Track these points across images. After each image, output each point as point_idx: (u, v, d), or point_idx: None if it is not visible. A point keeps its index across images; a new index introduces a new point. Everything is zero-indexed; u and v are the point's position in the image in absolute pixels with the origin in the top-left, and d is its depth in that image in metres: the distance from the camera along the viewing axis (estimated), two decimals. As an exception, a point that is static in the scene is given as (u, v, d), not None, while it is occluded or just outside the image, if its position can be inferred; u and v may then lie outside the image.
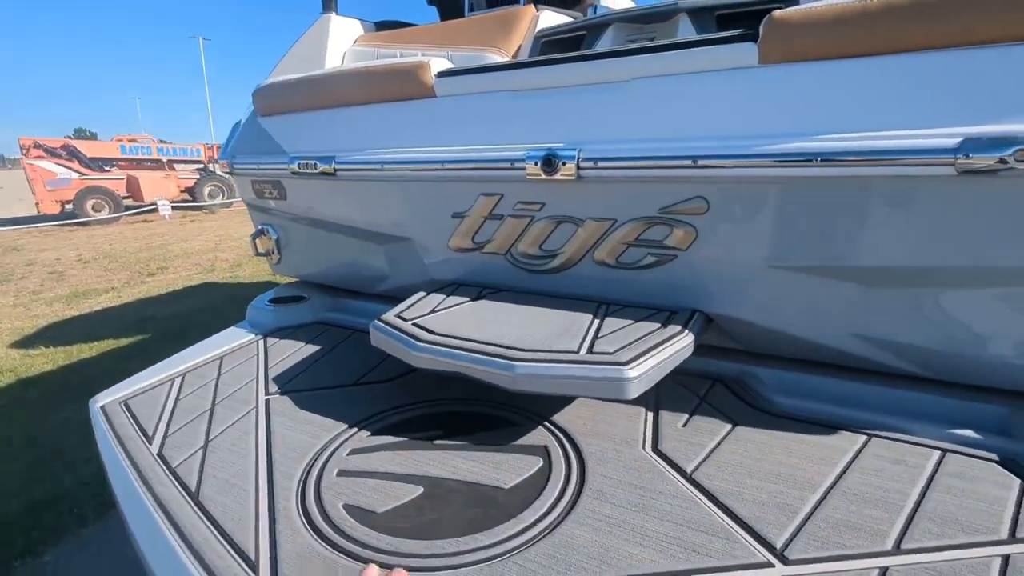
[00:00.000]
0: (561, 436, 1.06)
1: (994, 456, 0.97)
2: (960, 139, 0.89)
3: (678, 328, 1.11)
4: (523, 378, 0.98)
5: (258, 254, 1.97)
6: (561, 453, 1.00)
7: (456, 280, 1.54)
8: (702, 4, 1.69)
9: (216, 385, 1.36)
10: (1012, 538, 0.77)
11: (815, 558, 0.75)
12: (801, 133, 1.01)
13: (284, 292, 1.95)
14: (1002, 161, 0.87)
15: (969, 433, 1.02)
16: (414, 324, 1.19)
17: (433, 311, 1.28)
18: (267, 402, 1.26)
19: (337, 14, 2.07)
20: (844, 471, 0.94)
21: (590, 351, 1.01)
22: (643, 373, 0.96)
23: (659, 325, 1.12)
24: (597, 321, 1.17)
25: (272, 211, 1.88)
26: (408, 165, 1.43)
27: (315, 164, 1.58)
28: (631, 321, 1.15)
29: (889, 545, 0.77)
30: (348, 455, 1.04)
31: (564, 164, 1.21)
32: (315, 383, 1.35)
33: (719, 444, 1.02)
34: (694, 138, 1.10)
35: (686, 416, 1.12)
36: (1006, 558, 0.74)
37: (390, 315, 1.27)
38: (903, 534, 0.79)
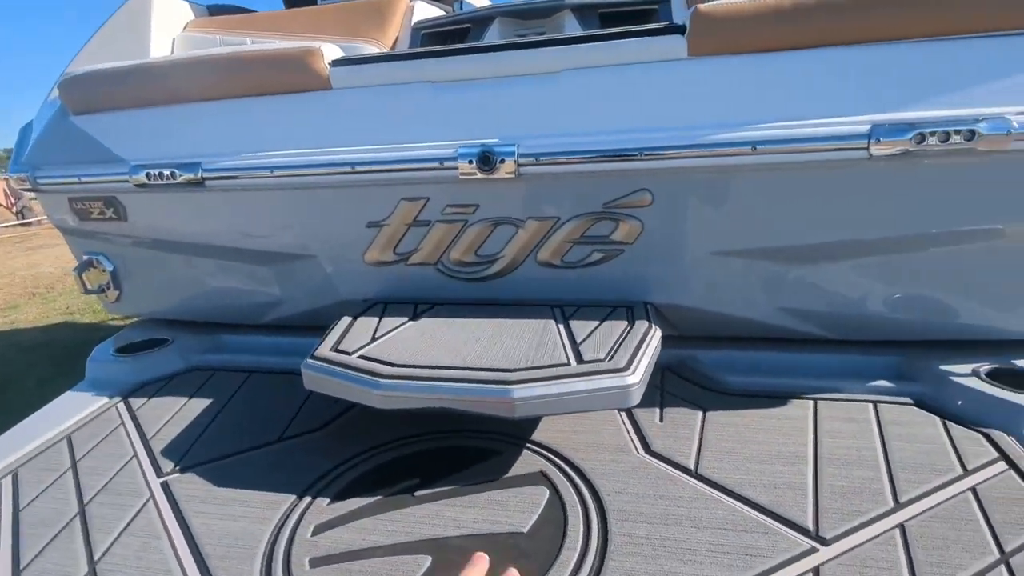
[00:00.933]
0: (553, 457, 0.98)
1: (908, 399, 1.13)
2: (869, 126, 1.00)
3: (645, 323, 1.09)
4: (524, 403, 0.87)
5: (87, 291, 1.53)
6: (563, 477, 0.92)
7: (377, 297, 1.36)
8: (586, 1, 1.70)
9: (75, 477, 1.01)
10: (966, 471, 0.90)
11: (845, 531, 0.78)
12: (737, 123, 1.05)
13: (132, 336, 1.55)
14: (908, 144, 0.99)
15: (883, 383, 1.17)
16: (364, 357, 1.00)
17: (375, 339, 1.09)
18: (165, 486, 0.97)
19: None
20: (816, 440, 1.01)
21: (581, 361, 0.94)
22: (643, 376, 0.92)
23: (626, 323, 1.10)
24: (562, 326, 1.11)
25: (104, 236, 1.47)
26: (307, 170, 1.21)
27: (173, 173, 1.26)
28: (596, 321, 1.11)
29: (891, 502, 0.83)
30: (313, 535, 0.83)
31: (502, 162, 1.11)
32: (225, 448, 1.07)
33: (702, 434, 1.03)
34: (636, 130, 1.09)
35: (657, 410, 1.12)
36: (974, 489, 0.85)
37: (324, 350, 1.05)
38: (894, 489, 0.86)
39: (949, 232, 1.09)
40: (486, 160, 1.12)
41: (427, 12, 1.89)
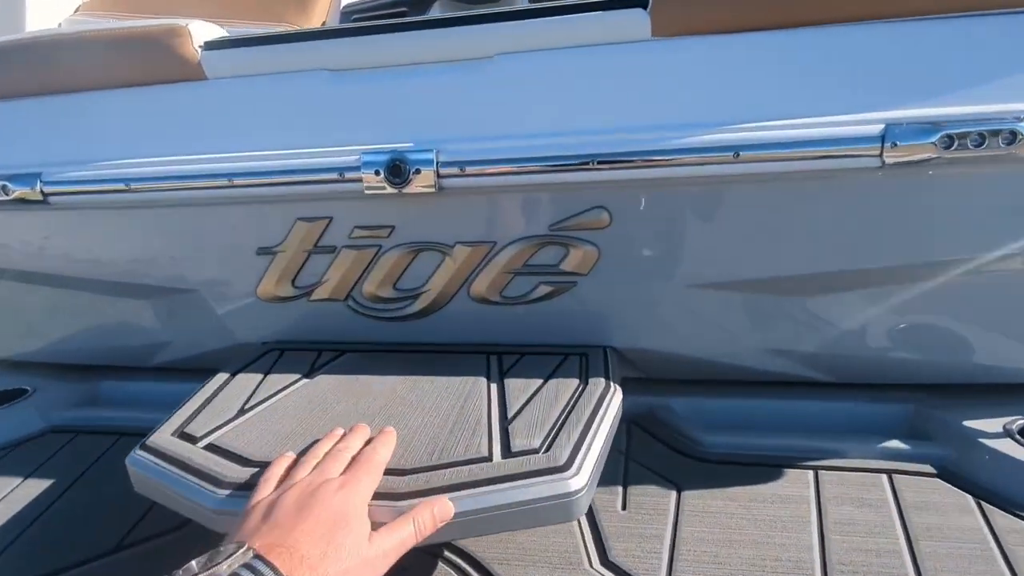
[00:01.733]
0: (469, 572, 0.72)
1: (929, 467, 0.90)
2: (882, 126, 0.77)
3: (602, 383, 0.85)
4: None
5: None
6: None
7: (277, 340, 1.09)
8: None
9: None
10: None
11: None
12: (717, 123, 0.81)
13: None
14: (932, 149, 0.76)
15: (896, 444, 0.95)
16: (211, 448, 0.74)
17: (243, 411, 0.83)
18: None
19: None
20: (823, 536, 0.77)
21: (508, 452, 0.68)
22: (590, 476, 0.67)
23: (578, 381, 0.85)
24: (495, 387, 0.86)
25: None
26: (174, 182, 0.94)
27: (4, 187, 0.98)
28: (539, 380, 0.86)
29: None
30: None
31: (417, 172, 0.86)
32: (54, 563, 0.79)
33: (675, 530, 0.79)
34: (588, 131, 0.84)
35: (619, 491, 0.87)
36: None
37: (163, 435, 0.78)
38: None
39: (980, 257, 0.87)
40: (396, 170, 0.86)
41: (358, -6, 1.64)
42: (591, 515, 0.82)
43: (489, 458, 0.67)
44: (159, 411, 1.23)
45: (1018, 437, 0.91)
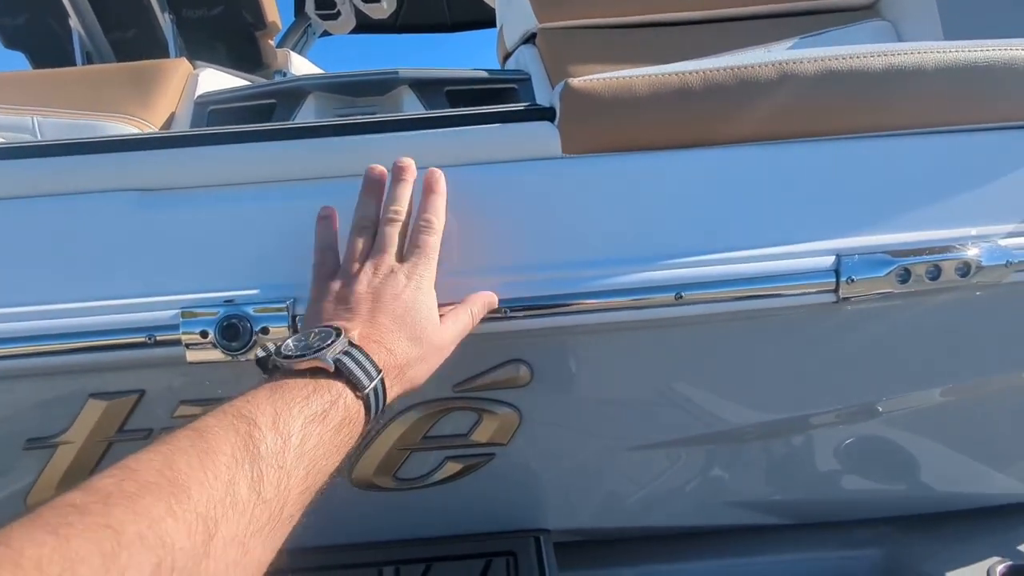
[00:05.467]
0: None
1: None
2: (834, 258, 0.66)
3: None
4: None
5: None
6: None
7: None
8: (429, 76, 1.32)
9: None
10: None
11: None
12: (648, 258, 0.65)
13: None
14: (887, 283, 0.65)
15: None
16: None
17: None
18: None
19: None
20: None
21: None
22: None
23: None
24: None
25: None
26: None
27: None
28: None
29: None
30: None
31: (264, 331, 0.62)
32: None
33: None
34: (497, 269, 0.65)
35: None
36: None
37: None
38: None
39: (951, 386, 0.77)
40: (231, 332, 0.61)
41: (218, 82, 1.40)
42: None
43: None
44: None
45: None
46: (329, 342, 0.47)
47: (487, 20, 3.28)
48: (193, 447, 0.38)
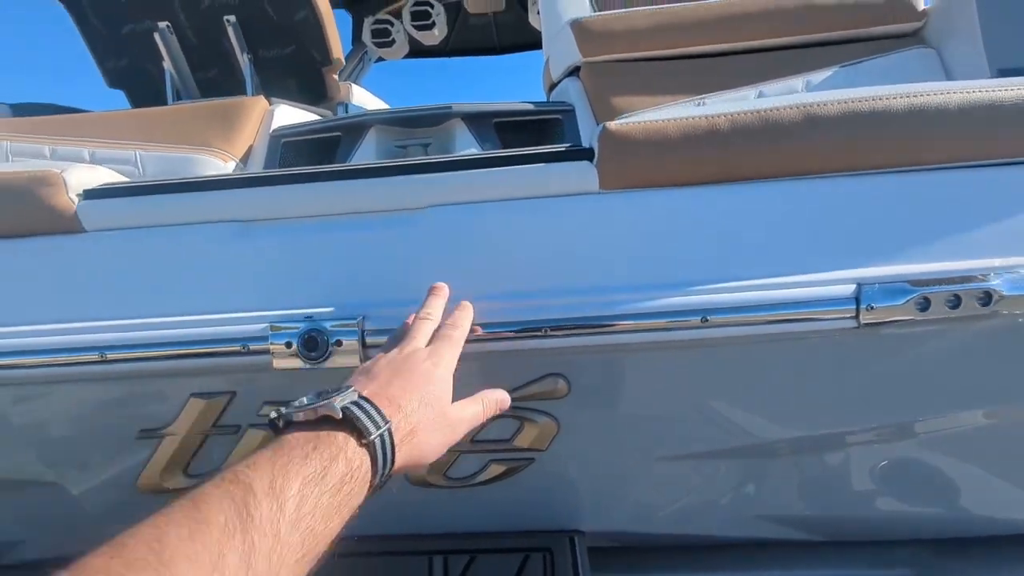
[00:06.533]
0: None
1: None
2: (854, 286, 0.70)
3: None
4: None
5: None
6: None
7: None
8: (479, 110, 1.42)
9: None
10: None
11: None
12: (678, 284, 0.72)
13: None
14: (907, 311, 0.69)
15: None
16: None
17: None
18: None
19: None
20: None
21: None
22: None
23: None
24: None
25: None
26: (36, 358, 0.76)
27: None
28: None
29: None
30: None
31: (338, 344, 0.72)
32: None
33: None
34: (537, 293, 0.73)
35: None
36: None
37: None
38: None
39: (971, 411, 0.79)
40: (311, 343, 0.72)
41: (292, 116, 1.56)
42: None
43: None
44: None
45: None
46: (337, 393, 0.49)
47: (534, 43, 3.42)
48: (187, 518, 0.38)
